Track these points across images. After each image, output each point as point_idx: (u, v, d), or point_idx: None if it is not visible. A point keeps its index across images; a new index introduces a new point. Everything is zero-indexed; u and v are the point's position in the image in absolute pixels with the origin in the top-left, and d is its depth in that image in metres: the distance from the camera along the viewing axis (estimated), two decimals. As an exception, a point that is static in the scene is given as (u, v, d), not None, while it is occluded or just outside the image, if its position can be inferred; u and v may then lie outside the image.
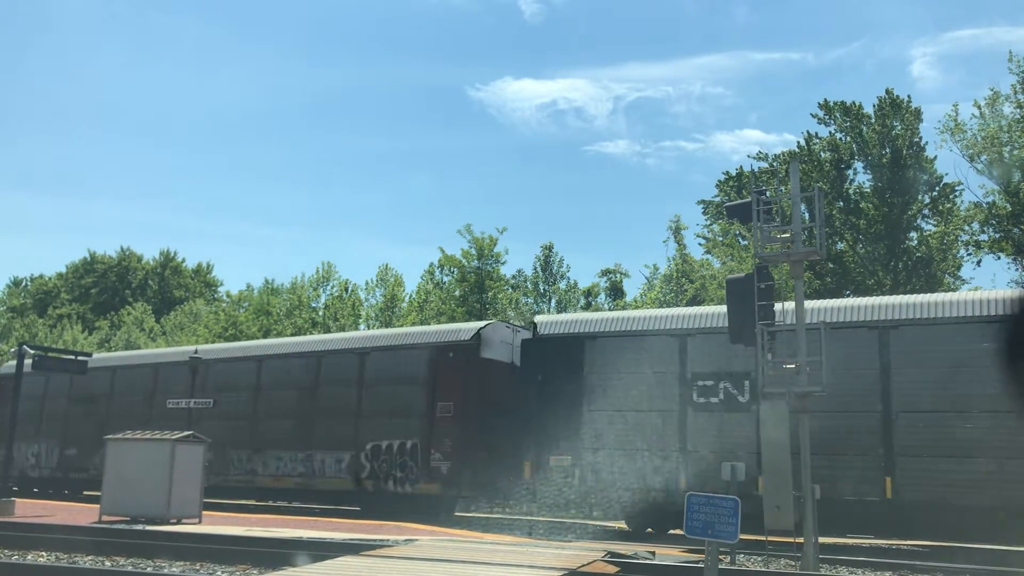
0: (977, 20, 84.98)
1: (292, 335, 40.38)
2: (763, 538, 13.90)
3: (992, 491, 15.68)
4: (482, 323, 23.16)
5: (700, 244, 44.34)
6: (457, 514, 22.69)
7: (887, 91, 36.32)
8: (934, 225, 35.62)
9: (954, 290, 33.86)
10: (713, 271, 39.37)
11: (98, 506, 18.07)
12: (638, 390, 18.88)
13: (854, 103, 36.90)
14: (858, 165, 37.03)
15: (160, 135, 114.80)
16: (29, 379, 24.47)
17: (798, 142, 39.13)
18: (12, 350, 43.65)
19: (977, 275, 72.45)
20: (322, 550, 12.40)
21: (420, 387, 22.10)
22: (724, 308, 16.64)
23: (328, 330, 42.38)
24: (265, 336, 43.03)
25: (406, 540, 13.78)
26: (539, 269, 44.00)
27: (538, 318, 22.58)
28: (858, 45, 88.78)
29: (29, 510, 19.36)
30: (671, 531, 18.42)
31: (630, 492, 18.54)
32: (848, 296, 32.97)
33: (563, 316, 23.71)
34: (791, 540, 13.29)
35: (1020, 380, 13.90)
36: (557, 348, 20.04)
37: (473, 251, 40.54)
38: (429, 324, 37.30)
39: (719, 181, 45.20)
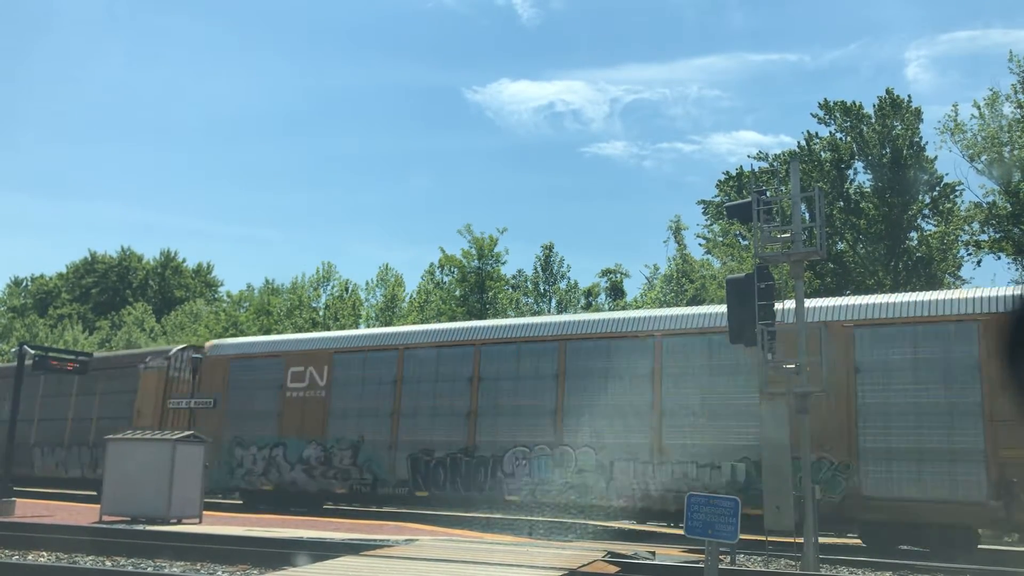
0: (974, 21, 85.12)
1: (290, 332, 40.37)
2: (763, 538, 13.90)
3: None
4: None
5: (700, 244, 44.37)
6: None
7: (887, 91, 36.33)
8: (934, 225, 35.60)
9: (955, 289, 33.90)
10: (713, 271, 39.38)
11: (98, 506, 18.08)
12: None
13: (854, 103, 36.89)
14: (858, 165, 37.02)
15: (160, 136, 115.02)
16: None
17: (798, 142, 39.16)
18: (13, 350, 43.66)
19: (977, 275, 72.52)
20: (322, 550, 12.40)
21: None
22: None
23: (329, 330, 42.37)
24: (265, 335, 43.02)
25: (406, 540, 13.79)
26: (539, 269, 44.02)
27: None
28: (855, 47, 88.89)
29: (29, 510, 19.36)
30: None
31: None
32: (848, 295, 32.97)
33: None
34: (791, 540, 13.29)
35: None
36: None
37: (473, 251, 40.59)
38: (430, 323, 37.31)
39: (719, 181, 45.17)
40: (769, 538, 13.82)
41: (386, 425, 22.05)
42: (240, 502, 24.81)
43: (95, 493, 27.32)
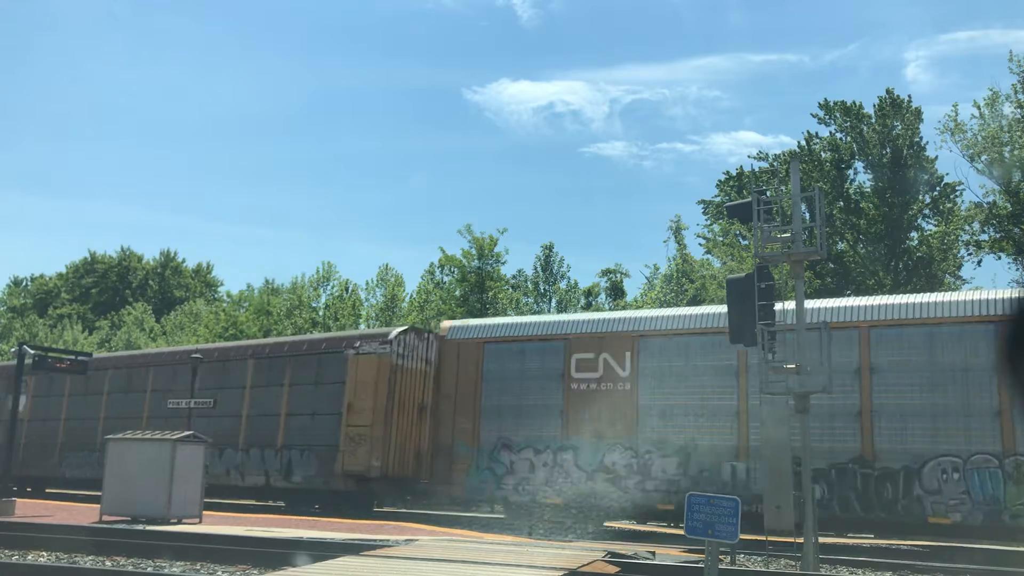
0: (974, 22, 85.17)
1: (292, 334, 40.39)
2: (763, 538, 13.90)
3: None
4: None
5: (700, 244, 44.39)
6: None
7: (887, 91, 36.37)
8: (934, 225, 35.64)
9: (955, 290, 33.93)
10: (713, 271, 39.36)
11: (98, 506, 18.08)
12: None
13: (854, 103, 36.93)
14: (858, 165, 37.09)
15: (160, 136, 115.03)
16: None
17: (798, 142, 39.20)
18: (12, 350, 43.65)
19: (977, 275, 72.65)
20: (322, 550, 12.40)
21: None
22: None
23: (328, 330, 42.35)
24: (265, 335, 43.00)
25: (406, 540, 13.78)
26: (539, 269, 44.04)
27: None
28: (855, 47, 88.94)
29: (29, 510, 19.35)
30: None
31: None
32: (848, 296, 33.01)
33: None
34: (791, 540, 13.29)
35: None
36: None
37: (473, 251, 40.58)
38: (431, 324, 37.30)
39: (719, 181, 45.24)
40: (769, 538, 13.82)
41: (729, 426, 17.88)
42: (501, 516, 20.93)
43: (283, 504, 23.58)
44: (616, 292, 46.50)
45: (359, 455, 21.61)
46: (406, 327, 24.03)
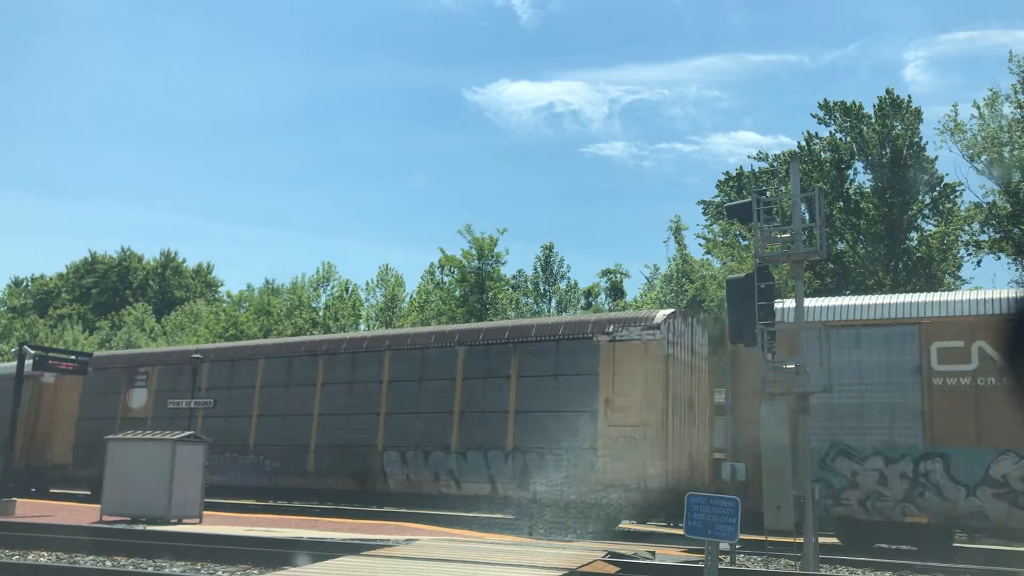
0: (973, 22, 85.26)
1: (292, 335, 40.36)
2: (763, 538, 13.90)
3: None
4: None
5: (700, 244, 44.38)
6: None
7: (887, 91, 36.36)
8: (934, 225, 35.64)
9: (954, 290, 33.90)
10: (713, 271, 39.36)
11: (99, 506, 18.09)
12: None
13: (854, 103, 36.92)
14: (858, 165, 37.07)
15: (160, 136, 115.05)
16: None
17: (798, 142, 39.18)
18: (13, 350, 43.68)
19: (977, 275, 72.66)
20: (322, 550, 12.41)
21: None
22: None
23: (328, 330, 42.32)
24: (265, 336, 42.98)
25: (407, 540, 13.79)
26: (539, 269, 44.03)
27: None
28: (854, 47, 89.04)
29: (30, 510, 19.35)
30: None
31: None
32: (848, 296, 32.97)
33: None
34: (791, 540, 13.29)
35: None
36: None
37: (473, 251, 40.58)
38: (430, 324, 37.23)
39: (719, 181, 45.19)
40: (769, 538, 13.82)
41: None
42: (833, 542, 16.87)
43: (511, 517, 19.70)
44: (616, 292, 46.51)
45: (628, 460, 18.19)
46: (671, 310, 20.50)
